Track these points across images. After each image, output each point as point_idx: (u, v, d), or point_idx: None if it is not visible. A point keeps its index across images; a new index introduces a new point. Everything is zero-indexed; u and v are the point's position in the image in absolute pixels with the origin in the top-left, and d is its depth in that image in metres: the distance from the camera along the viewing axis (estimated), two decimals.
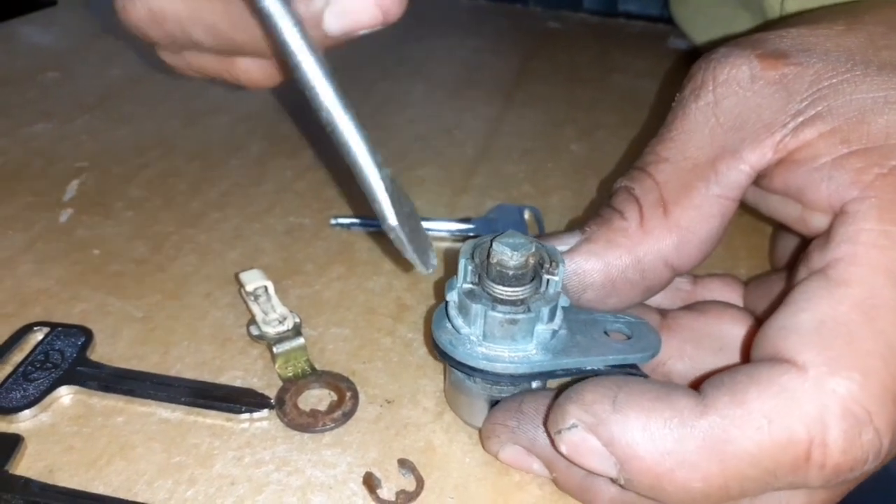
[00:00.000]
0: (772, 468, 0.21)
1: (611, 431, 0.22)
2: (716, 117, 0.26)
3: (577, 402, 0.23)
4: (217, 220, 0.41)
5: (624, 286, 0.27)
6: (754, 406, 0.21)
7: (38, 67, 0.58)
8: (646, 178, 0.27)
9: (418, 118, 0.54)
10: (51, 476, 0.26)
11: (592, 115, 0.56)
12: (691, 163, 0.26)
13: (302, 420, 0.29)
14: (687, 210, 0.26)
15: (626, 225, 0.27)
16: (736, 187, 0.26)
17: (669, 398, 0.22)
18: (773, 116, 0.25)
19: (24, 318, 0.33)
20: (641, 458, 0.22)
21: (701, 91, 0.27)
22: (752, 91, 0.26)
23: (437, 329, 0.28)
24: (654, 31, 0.75)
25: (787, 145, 0.25)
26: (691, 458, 0.21)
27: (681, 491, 0.22)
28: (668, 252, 0.26)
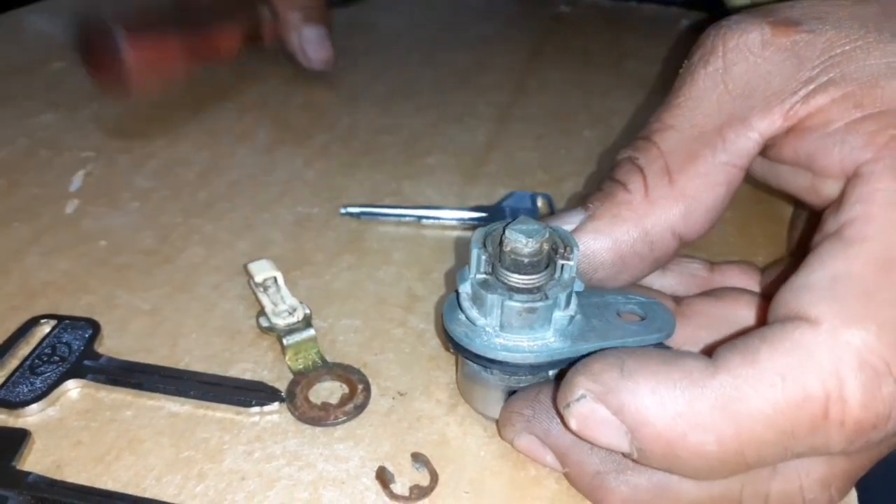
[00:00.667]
0: (789, 429, 0.20)
1: (620, 398, 0.21)
2: (724, 84, 0.26)
3: (584, 372, 0.23)
4: (225, 211, 0.41)
5: (633, 260, 0.27)
6: (766, 364, 0.20)
7: (44, 57, 0.58)
8: (650, 147, 0.27)
9: (429, 105, 0.54)
10: (59, 471, 0.26)
11: (606, 101, 0.55)
12: (698, 130, 0.26)
13: (313, 413, 0.28)
14: (693, 179, 0.26)
15: (631, 198, 0.26)
16: (743, 155, 0.26)
17: (679, 362, 0.22)
18: (783, 84, 0.25)
19: (31, 311, 0.33)
20: (652, 424, 0.21)
21: (710, 57, 0.26)
22: (762, 58, 0.25)
23: (449, 322, 0.27)
24: (666, 14, 0.73)
25: (797, 112, 0.24)
26: (704, 420, 0.21)
27: (695, 457, 0.21)
28: (675, 222, 0.26)
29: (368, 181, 0.44)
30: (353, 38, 0.65)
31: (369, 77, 0.58)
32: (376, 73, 0.58)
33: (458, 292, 0.27)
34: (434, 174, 0.45)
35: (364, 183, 0.44)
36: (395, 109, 0.53)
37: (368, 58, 0.61)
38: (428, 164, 0.46)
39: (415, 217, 0.40)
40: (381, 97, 0.55)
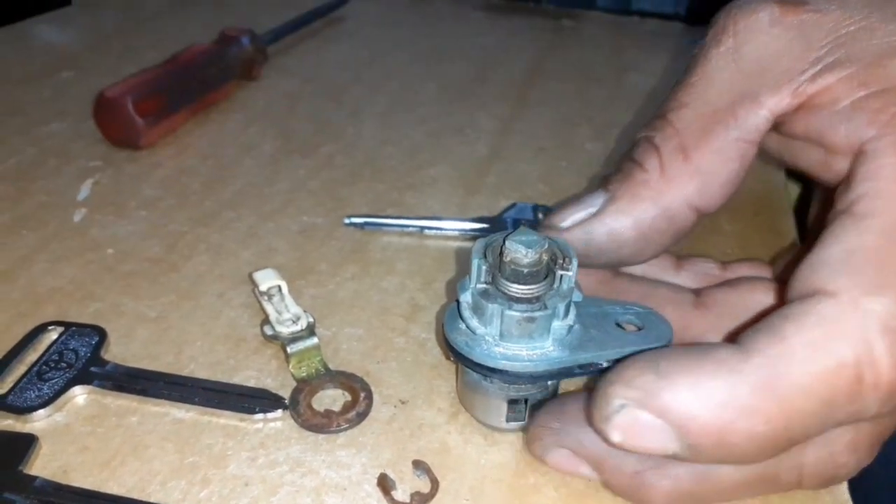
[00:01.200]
0: (828, 397, 0.21)
1: (662, 400, 0.21)
2: (735, 63, 0.27)
3: (619, 381, 0.22)
4: (231, 220, 0.41)
5: (655, 236, 0.28)
6: (795, 340, 0.21)
7: (52, 67, 0.58)
8: (665, 125, 0.28)
9: (431, 117, 0.54)
10: (65, 476, 0.26)
11: (607, 114, 0.56)
12: (711, 108, 0.27)
13: (316, 420, 0.29)
14: (707, 154, 0.27)
15: (648, 176, 0.27)
16: (755, 131, 0.27)
17: (710, 354, 0.22)
18: (791, 63, 0.26)
19: (39, 318, 0.33)
20: (699, 417, 0.21)
21: (722, 37, 0.28)
22: (771, 37, 0.26)
23: (450, 331, 0.27)
24: (667, 29, 0.74)
25: (805, 90, 0.25)
26: (748, 403, 0.21)
27: (746, 441, 0.21)
28: (692, 196, 0.27)
29: (371, 192, 0.45)
30: (357, 50, 0.66)
31: (373, 89, 0.58)
32: (379, 85, 0.59)
33: (459, 302, 0.27)
34: (436, 185, 0.46)
35: (367, 193, 0.44)
36: (397, 121, 0.53)
37: (372, 70, 0.62)
38: (430, 175, 0.47)
39: (417, 227, 0.40)
40: (384, 109, 0.55)
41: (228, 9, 0.74)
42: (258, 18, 0.64)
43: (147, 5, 0.73)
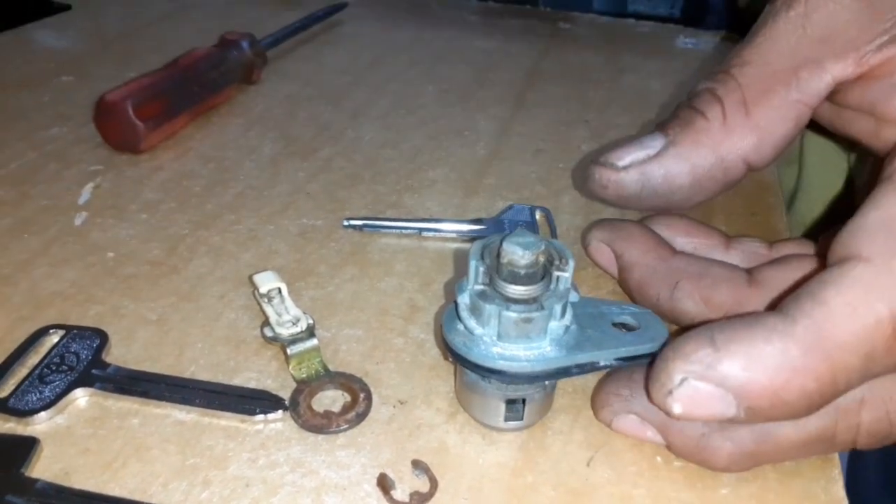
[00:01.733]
0: (869, 351, 0.22)
1: (721, 371, 0.23)
2: (804, 28, 0.28)
3: (678, 357, 0.24)
4: (231, 222, 0.41)
5: (708, 184, 0.29)
6: (836, 301, 0.22)
7: (53, 71, 0.59)
8: (729, 79, 0.29)
9: (429, 119, 0.54)
10: (66, 478, 0.27)
11: (604, 116, 0.56)
12: (774, 68, 0.28)
13: (316, 421, 0.29)
14: (767, 112, 0.28)
15: (709, 125, 0.28)
16: (815, 94, 0.28)
17: (759, 322, 0.23)
18: (858, 32, 0.27)
19: (40, 321, 0.33)
20: (757, 381, 0.22)
21: (793, 3, 0.28)
22: (841, 6, 0.27)
23: (448, 331, 0.28)
24: (663, 31, 0.75)
25: (868, 61, 0.26)
26: (800, 363, 0.22)
27: (799, 398, 0.23)
28: (748, 151, 0.28)
29: (371, 194, 0.45)
30: (357, 54, 0.66)
31: (372, 92, 0.59)
32: (379, 88, 0.59)
33: (457, 303, 0.28)
34: (435, 187, 0.46)
35: (366, 196, 0.45)
36: (397, 124, 0.54)
37: (372, 73, 0.62)
38: (429, 177, 0.47)
39: (416, 229, 0.41)
40: (383, 112, 0.55)
41: (228, 13, 0.74)
42: (258, 23, 0.64)
43: (147, 10, 0.74)
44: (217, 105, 0.54)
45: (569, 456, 0.28)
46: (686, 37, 0.71)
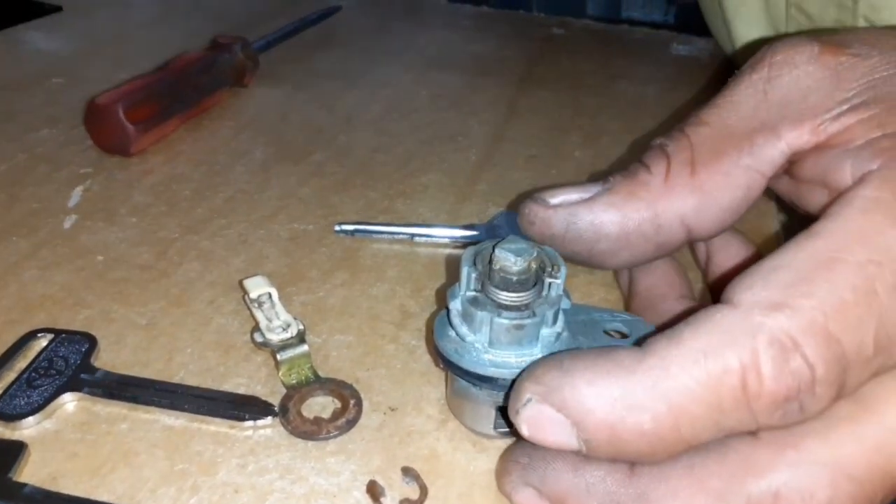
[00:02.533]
0: (715, 402, 0.21)
1: (562, 395, 0.22)
2: (764, 93, 0.27)
3: (528, 378, 0.24)
4: (221, 227, 0.41)
5: (637, 240, 0.27)
6: (690, 344, 0.21)
7: (43, 73, 0.58)
8: (682, 137, 0.28)
9: (422, 124, 0.54)
10: (54, 483, 0.26)
11: (597, 122, 0.56)
12: (729, 131, 0.27)
13: (306, 428, 0.29)
14: (714, 175, 0.27)
15: (650, 179, 0.27)
16: (768, 163, 0.26)
17: (611, 354, 0.23)
18: (818, 101, 0.26)
19: (28, 325, 0.33)
20: (593, 412, 0.22)
21: (757, 66, 0.28)
22: (805, 73, 0.26)
23: (439, 338, 0.28)
24: (656, 37, 0.75)
25: (826, 129, 0.25)
26: (638, 401, 0.22)
27: (636, 437, 0.22)
28: (687, 212, 0.27)
29: (363, 199, 0.45)
30: (349, 58, 0.66)
31: (365, 97, 0.59)
32: (372, 93, 0.59)
33: (449, 309, 0.27)
34: (427, 192, 0.46)
35: (358, 201, 0.45)
36: (389, 128, 0.54)
37: (365, 78, 0.62)
38: (421, 182, 0.47)
39: (408, 235, 0.41)
40: (376, 117, 0.55)
41: (220, 17, 0.74)
42: (250, 26, 0.64)
43: (139, 13, 0.74)
44: (208, 108, 0.54)
45: None
46: (679, 43, 0.72)
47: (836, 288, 0.21)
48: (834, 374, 0.21)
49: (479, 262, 0.27)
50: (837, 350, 0.21)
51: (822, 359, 0.21)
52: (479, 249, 0.28)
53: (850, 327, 0.21)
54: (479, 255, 0.27)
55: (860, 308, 0.21)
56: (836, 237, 0.22)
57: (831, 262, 0.21)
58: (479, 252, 0.28)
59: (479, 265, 0.27)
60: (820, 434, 0.22)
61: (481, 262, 0.27)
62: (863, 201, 0.22)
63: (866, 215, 0.22)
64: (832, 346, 0.21)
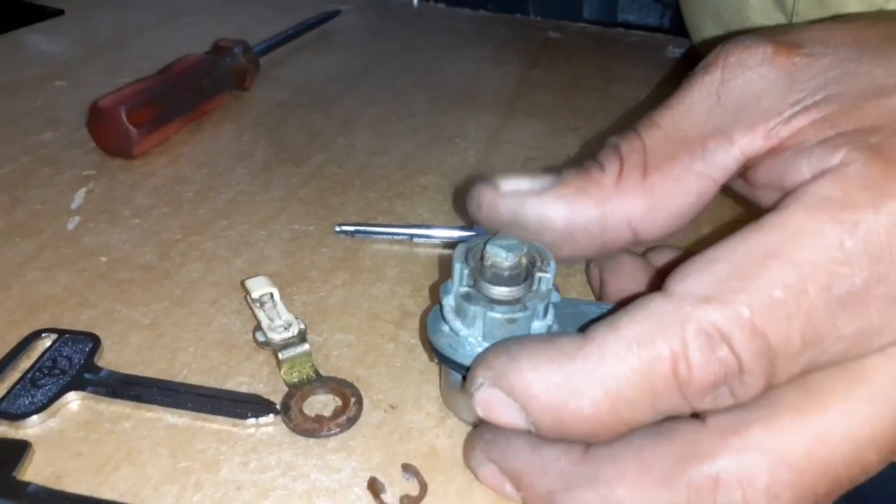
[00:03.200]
0: (649, 387, 0.22)
1: (510, 380, 0.24)
2: (717, 96, 0.26)
3: (480, 363, 0.25)
4: (223, 228, 0.42)
5: (582, 236, 0.27)
6: (625, 331, 0.22)
7: (45, 76, 0.59)
8: (635, 138, 0.27)
9: (420, 127, 0.55)
10: (58, 482, 0.27)
11: (593, 124, 0.56)
12: (682, 135, 0.26)
13: (307, 425, 0.29)
14: (664, 179, 0.26)
15: (602, 178, 0.27)
16: (721, 169, 0.26)
17: (554, 340, 0.24)
18: (771, 103, 0.25)
19: (32, 325, 0.34)
20: (537, 397, 0.23)
21: (710, 68, 0.27)
22: (758, 75, 0.26)
23: (433, 333, 0.28)
24: (652, 40, 0.75)
25: (779, 132, 0.25)
26: (577, 387, 0.22)
27: (578, 421, 0.23)
28: (635, 215, 0.26)
29: (362, 200, 0.45)
30: (349, 62, 0.67)
31: (364, 100, 0.59)
32: (371, 95, 0.60)
33: (442, 305, 0.28)
34: (426, 194, 0.46)
35: (358, 202, 0.45)
36: (389, 131, 0.54)
37: (364, 81, 0.63)
38: (420, 183, 0.47)
39: (407, 235, 0.41)
40: (375, 119, 0.56)
41: (221, 20, 0.74)
42: (251, 30, 0.65)
43: (141, 16, 0.74)
44: (210, 111, 0.54)
45: None
46: (675, 46, 0.72)
47: (767, 285, 0.21)
48: (760, 365, 0.22)
49: (470, 259, 0.28)
50: (763, 343, 0.21)
51: (748, 351, 0.21)
52: (471, 246, 0.28)
53: (776, 323, 0.21)
54: (470, 252, 0.28)
55: (789, 306, 0.21)
56: (778, 233, 0.22)
57: (767, 258, 0.22)
58: (470, 248, 0.28)
59: (470, 261, 0.28)
60: (763, 422, 0.23)
61: (473, 258, 0.28)
62: (811, 198, 0.22)
63: (810, 213, 0.22)
64: (757, 340, 0.21)
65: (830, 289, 0.21)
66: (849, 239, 0.21)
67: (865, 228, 0.21)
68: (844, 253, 0.21)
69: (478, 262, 0.28)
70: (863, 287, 0.21)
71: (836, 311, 0.21)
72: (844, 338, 0.22)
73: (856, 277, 0.21)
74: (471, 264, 0.28)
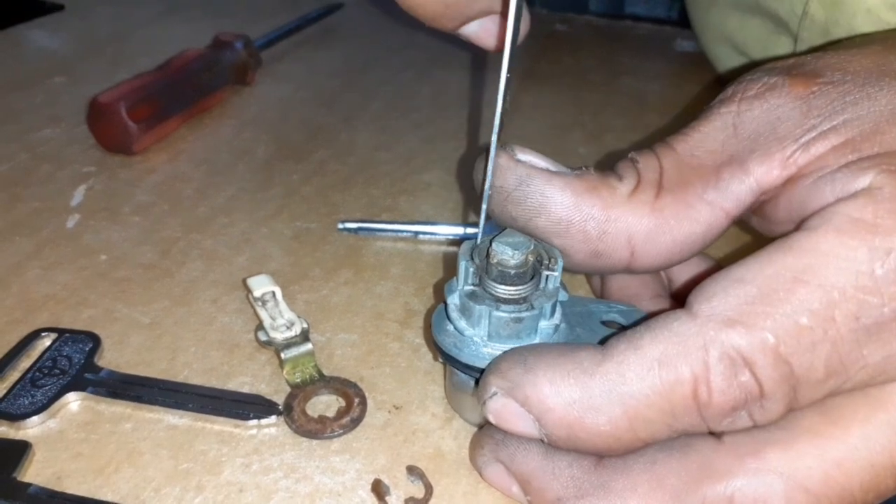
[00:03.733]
0: (668, 408, 0.22)
1: (524, 391, 0.23)
2: (734, 126, 0.26)
3: (494, 372, 0.24)
4: (224, 225, 0.41)
5: (577, 235, 0.26)
6: (647, 350, 0.22)
7: (45, 72, 0.58)
8: (653, 158, 0.27)
9: (424, 122, 0.54)
10: (59, 483, 0.26)
11: (600, 119, 0.56)
12: (697, 161, 0.26)
13: (310, 426, 0.29)
14: (676, 202, 0.26)
15: (618, 186, 0.26)
16: (735, 200, 0.25)
17: (572, 353, 0.23)
18: (788, 130, 0.25)
19: (32, 324, 0.33)
20: (553, 410, 0.23)
21: (727, 101, 0.27)
22: (775, 105, 0.26)
23: (438, 332, 0.28)
24: (661, 33, 0.75)
25: (796, 160, 0.24)
26: (595, 403, 0.22)
27: (593, 436, 0.23)
28: (638, 232, 0.26)
29: (365, 197, 0.45)
30: (352, 57, 0.66)
31: (367, 95, 0.58)
32: (374, 90, 0.59)
33: (447, 303, 0.27)
34: (430, 190, 0.46)
35: (361, 199, 0.44)
36: (391, 126, 0.53)
37: (366, 76, 0.62)
38: (424, 180, 0.47)
39: (411, 232, 0.41)
40: (378, 114, 0.55)
41: (222, 14, 0.74)
42: (252, 24, 0.64)
43: (140, 11, 0.73)
44: (210, 107, 0.54)
45: None
46: (684, 39, 0.71)
47: (793, 311, 0.21)
48: (782, 392, 0.22)
49: (476, 257, 0.27)
50: (786, 370, 0.21)
51: (770, 377, 0.21)
52: (476, 243, 0.28)
53: (800, 351, 0.21)
54: (476, 250, 0.28)
55: (815, 334, 0.21)
56: (806, 256, 0.21)
57: (795, 282, 0.21)
58: (476, 246, 0.28)
59: (476, 259, 0.27)
60: (781, 444, 0.23)
61: (478, 256, 0.27)
62: (841, 220, 0.22)
63: (841, 237, 0.21)
64: (780, 367, 0.21)
65: (858, 318, 0.21)
66: (880, 267, 0.21)
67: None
68: (875, 281, 0.21)
69: (483, 260, 0.27)
70: (891, 317, 0.21)
71: (862, 340, 0.21)
72: (869, 366, 0.22)
73: (885, 307, 0.21)
74: (476, 262, 0.27)
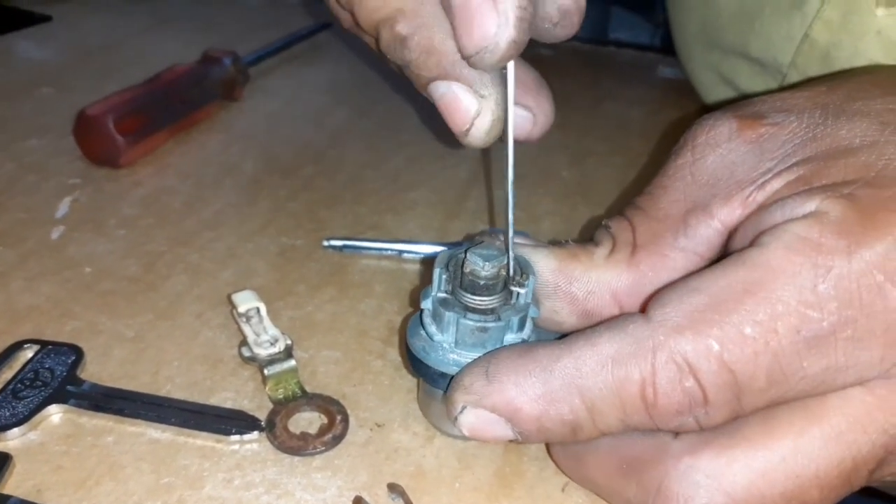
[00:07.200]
0: (619, 404, 0.24)
1: (492, 400, 0.25)
2: (691, 175, 0.28)
3: (458, 388, 0.26)
4: (210, 240, 0.41)
5: (564, 297, 0.28)
6: (603, 348, 0.24)
7: (32, 82, 0.58)
8: (623, 221, 0.29)
9: (412, 142, 0.55)
10: (39, 496, 0.26)
11: (584, 143, 0.57)
12: (663, 213, 0.28)
13: (292, 443, 0.29)
14: (651, 255, 0.27)
15: (595, 250, 0.28)
16: (704, 243, 0.27)
17: (531, 353, 0.25)
18: (745, 174, 0.26)
19: (14, 335, 0.33)
20: (521, 409, 0.24)
21: (681, 151, 0.29)
22: (728, 150, 0.27)
23: (411, 336, 0.29)
24: (643, 59, 0.76)
25: (755, 198, 0.26)
26: (557, 396, 0.24)
27: (559, 425, 0.24)
28: (620, 287, 0.28)
29: (351, 214, 0.45)
30: (340, 75, 0.67)
31: (354, 113, 0.59)
32: (362, 109, 0.60)
33: (422, 310, 0.28)
34: (416, 209, 0.46)
35: (347, 216, 0.45)
36: (379, 145, 0.54)
37: (354, 93, 0.63)
38: (410, 198, 0.47)
39: (396, 251, 0.41)
40: (366, 132, 0.56)
41: (211, 30, 0.74)
42: (241, 40, 0.64)
43: (129, 23, 0.74)
44: (198, 121, 0.54)
45: (544, 482, 0.29)
46: (666, 66, 0.73)
47: (739, 321, 0.22)
48: (724, 398, 0.23)
49: (451, 266, 0.28)
50: (729, 378, 0.23)
51: (714, 384, 0.23)
52: (454, 254, 0.29)
53: (744, 360, 0.22)
54: (452, 259, 0.29)
55: (757, 343, 0.22)
56: (757, 270, 0.23)
57: (744, 294, 0.22)
58: (452, 256, 0.29)
59: (451, 268, 0.28)
60: (717, 448, 0.24)
61: (454, 265, 0.28)
62: (790, 237, 0.23)
63: (789, 253, 0.22)
64: (724, 374, 0.22)
65: (799, 330, 0.22)
66: (822, 283, 0.22)
67: (838, 274, 0.22)
68: (816, 296, 0.22)
69: (458, 269, 0.28)
70: (830, 330, 0.22)
71: (802, 351, 0.22)
72: (809, 377, 0.23)
73: (824, 321, 0.22)
74: (451, 271, 0.28)
